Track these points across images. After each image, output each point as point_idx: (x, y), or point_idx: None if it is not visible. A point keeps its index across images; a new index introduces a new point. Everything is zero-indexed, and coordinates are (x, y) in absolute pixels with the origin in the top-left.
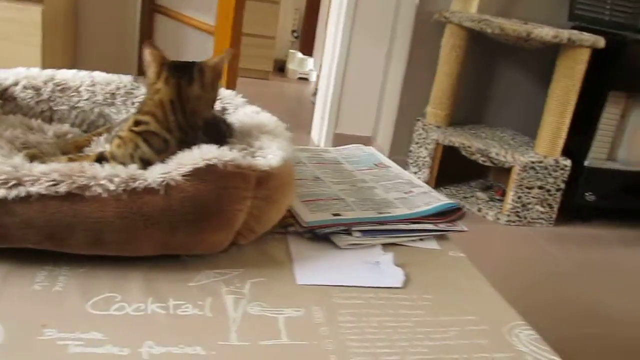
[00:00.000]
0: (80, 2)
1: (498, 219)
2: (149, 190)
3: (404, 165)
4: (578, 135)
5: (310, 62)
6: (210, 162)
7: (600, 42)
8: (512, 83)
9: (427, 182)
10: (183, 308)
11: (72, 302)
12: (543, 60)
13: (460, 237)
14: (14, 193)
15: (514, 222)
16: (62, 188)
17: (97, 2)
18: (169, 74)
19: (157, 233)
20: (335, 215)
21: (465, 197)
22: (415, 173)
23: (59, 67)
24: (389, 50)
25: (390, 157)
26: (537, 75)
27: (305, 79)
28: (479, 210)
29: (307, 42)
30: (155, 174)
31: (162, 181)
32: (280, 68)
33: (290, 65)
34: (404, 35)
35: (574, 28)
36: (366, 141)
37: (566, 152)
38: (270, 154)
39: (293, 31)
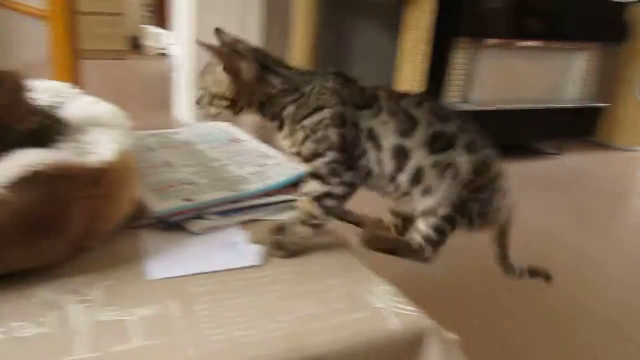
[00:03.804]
0: None
1: None
2: None
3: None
4: (433, 81)
5: (168, 36)
6: (34, 168)
7: None
8: (367, 38)
9: None
10: (25, 329)
11: None
12: (395, 11)
13: None
14: None
15: None
16: None
17: None
18: None
19: None
20: (187, 200)
21: None
22: None
23: None
24: (242, 19)
25: (260, 126)
26: (389, 27)
27: (166, 54)
28: None
29: (163, 15)
30: None
31: None
32: (136, 45)
33: (147, 42)
34: (256, 3)
35: None
36: None
37: None
38: (102, 149)
39: (147, 5)
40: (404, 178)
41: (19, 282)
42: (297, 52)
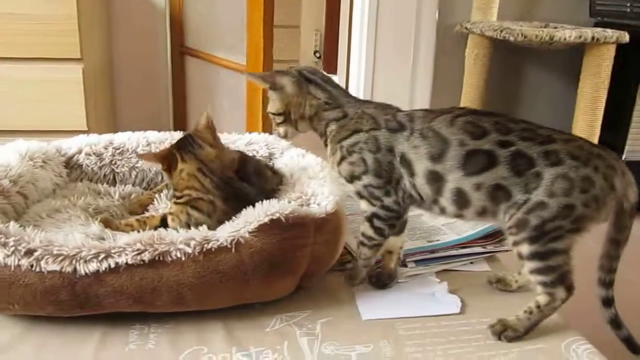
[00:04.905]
0: (114, 56)
1: None
2: (221, 249)
3: None
4: (612, 130)
5: (335, 80)
6: (274, 217)
7: (625, 37)
8: (541, 84)
9: None
10: (264, 354)
11: (166, 359)
12: (570, 58)
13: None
14: (104, 265)
15: None
16: (146, 256)
17: (129, 53)
18: (179, 154)
19: (232, 286)
20: None
21: None
22: None
23: (102, 122)
24: (413, 65)
25: None
26: (565, 73)
27: None
28: None
29: (330, 61)
30: (226, 234)
31: (233, 239)
32: None
33: None
34: (427, 49)
35: (596, 24)
36: None
37: None
38: (324, 200)
39: (315, 52)
40: (446, 202)
41: (254, 314)
42: (468, 100)
